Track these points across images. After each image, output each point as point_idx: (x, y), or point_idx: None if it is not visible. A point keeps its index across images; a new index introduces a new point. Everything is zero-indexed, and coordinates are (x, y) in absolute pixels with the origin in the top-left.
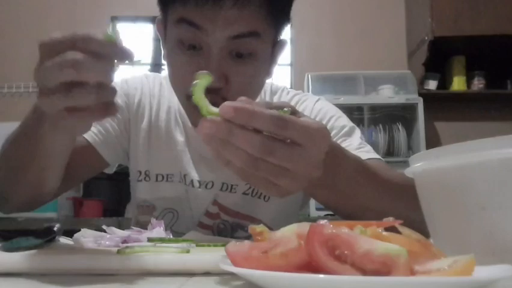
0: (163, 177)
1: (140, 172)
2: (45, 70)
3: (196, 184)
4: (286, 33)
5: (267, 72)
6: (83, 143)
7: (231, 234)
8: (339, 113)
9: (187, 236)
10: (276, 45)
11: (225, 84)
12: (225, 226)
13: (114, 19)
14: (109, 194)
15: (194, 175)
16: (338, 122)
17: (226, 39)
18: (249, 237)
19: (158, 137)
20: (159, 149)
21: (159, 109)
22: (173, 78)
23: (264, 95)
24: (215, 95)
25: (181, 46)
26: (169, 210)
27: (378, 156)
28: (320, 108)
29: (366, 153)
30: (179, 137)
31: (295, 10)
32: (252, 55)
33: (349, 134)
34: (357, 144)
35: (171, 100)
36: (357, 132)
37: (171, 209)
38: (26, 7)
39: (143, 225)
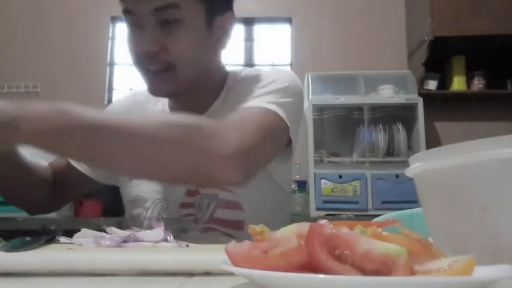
0: None
1: None
2: None
3: None
4: (286, 33)
5: (210, 42)
6: (73, 168)
7: (208, 204)
8: (283, 80)
9: (187, 236)
10: (212, 15)
11: (162, 49)
12: (203, 200)
13: (114, 19)
14: (109, 194)
15: None
16: (269, 82)
17: (150, 12)
18: (209, 204)
19: None
20: None
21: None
22: (129, 52)
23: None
24: (157, 59)
25: (128, 26)
26: (159, 200)
27: (266, 106)
28: (265, 71)
29: (259, 101)
30: None
31: (296, 10)
32: (178, 21)
33: (264, 88)
34: (259, 93)
35: (156, 106)
36: (277, 94)
37: (161, 199)
38: (25, 7)
39: (137, 219)
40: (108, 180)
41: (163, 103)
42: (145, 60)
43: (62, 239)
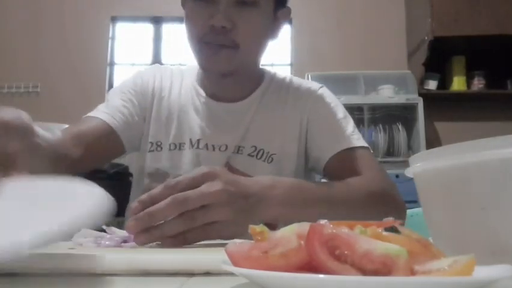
0: (175, 145)
1: (152, 143)
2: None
3: (210, 148)
4: (286, 33)
5: (271, 30)
6: (106, 128)
7: None
8: (337, 101)
9: None
10: (279, 6)
11: (233, 27)
12: None
13: (114, 19)
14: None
15: (207, 139)
16: (335, 108)
17: None
18: None
19: (171, 111)
20: (171, 122)
21: (171, 88)
22: (191, 26)
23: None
24: (224, 36)
25: (197, 1)
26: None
27: (366, 145)
28: (321, 94)
29: (356, 140)
30: (192, 109)
31: (296, 10)
32: (254, 4)
33: (345, 120)
34: (350, 131)
35: (183, 79)
36: (351, 121)
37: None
38: (25, 7)
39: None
40: (132, 143)
41: (191, 79)
42: (214, 34)
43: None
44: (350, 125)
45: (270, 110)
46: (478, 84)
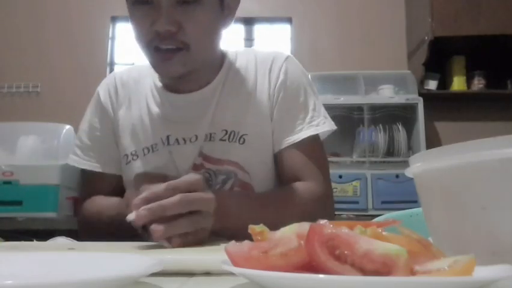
0: (148, 149)
1: (127, 155)
2: None
3: (182, 141)
4: (286, 33)
5: (221, 22)
6: (103, 175)
7: (215, 180)
8: (301, 77)
9: None
10: None
11: (179, 29)
12: (209, 175)
13: (114, 19)
14: None
15: (177, 134)
16: (297, 90)
17: None
18: (226, 181)
19: (135, 117)
20: (139, 126)
21: (130, 94)
22: (136, 31)
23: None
24: (173, 39)
25: (137, 5)
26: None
27: (315, 132)
28: (286, 69)
29: (306, 129)
30: (156, 108)
31: (296, 10)
32: (196, 1)
33: (303, 104)
34: (302, 117)
35: (143, 77)
36: (311, 100)
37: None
38: (25, 7)
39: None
40: (113, 168)
41: (151, 76)
42: (161, 39)
43: (62, 238)
44: (307, 109)
45: (236, 90)
46: (478, 84)
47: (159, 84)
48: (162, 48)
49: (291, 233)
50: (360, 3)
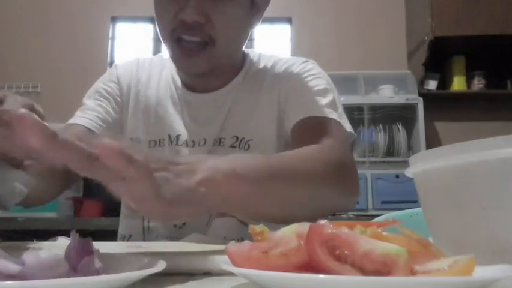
0: (155, 143)
1: (132, 139)
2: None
3: (190, 143)
4: (286, 33)
5: (250, 20)
6: (88, 132)
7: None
8: (322, 74)
9: (188, 238)
10: None
11: (207, 21)
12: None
13: (114, 19)
14: (109, 194)
15: (187, 136)
16: (315, 80)
17: None
18: None
19: (149, 106)
20: (149, 116)
21: (149, 80)
22: (159, 19)
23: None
24: (199, 31)
25: None
26: None
27: (338, 119)
28: (303, 66)
29: (328, 113)
30: (170, 103)
31: (296, 10)
32: None
33: (323, 92)
34: (324, 103)
35: (162, 71)
36: (331, 95)
37: None
38: (25, 7)
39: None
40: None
41: (170, 69)
42: (186, 29)
43: (62, 238)
44: (327, 98)
45: (248, 95)
46: (478, 84)
47: (177, 79)
48: (186, 39)
49: (291, 233)
50: (360, 4)
